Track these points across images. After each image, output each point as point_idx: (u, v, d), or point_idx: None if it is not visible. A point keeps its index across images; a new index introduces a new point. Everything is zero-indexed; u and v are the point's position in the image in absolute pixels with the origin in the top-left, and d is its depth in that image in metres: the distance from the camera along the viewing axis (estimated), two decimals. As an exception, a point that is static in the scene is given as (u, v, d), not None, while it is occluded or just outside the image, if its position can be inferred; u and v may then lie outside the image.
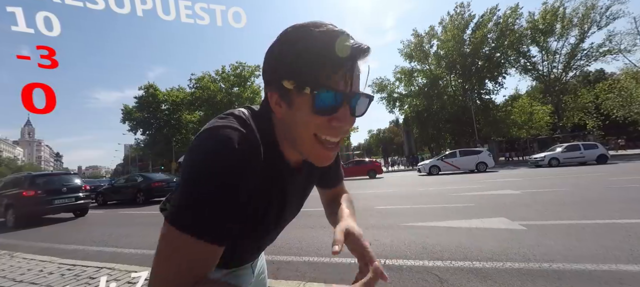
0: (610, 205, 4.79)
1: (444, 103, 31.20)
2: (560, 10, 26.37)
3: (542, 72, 29.11)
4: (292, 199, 0.64)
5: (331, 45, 0.46)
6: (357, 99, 0.49)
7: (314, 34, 0.47)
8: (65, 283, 2.78)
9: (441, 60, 31.81)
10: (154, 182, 11.69)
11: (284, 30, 0.51)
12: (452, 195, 7.31)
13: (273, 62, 0.51)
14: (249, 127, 0.50)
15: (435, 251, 3.16)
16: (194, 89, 37.08)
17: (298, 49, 0.47)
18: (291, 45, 0.48)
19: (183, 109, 38.57)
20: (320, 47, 0.46)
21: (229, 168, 0.44)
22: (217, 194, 0.43)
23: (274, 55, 0.51)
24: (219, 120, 0.50)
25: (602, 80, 28.27)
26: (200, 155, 0.45)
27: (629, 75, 23.43)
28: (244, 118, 0.52)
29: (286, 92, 0.48)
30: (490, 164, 16.11)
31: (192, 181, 0.44)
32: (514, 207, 5.20)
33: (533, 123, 26.20)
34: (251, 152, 0.48)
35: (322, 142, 0.50)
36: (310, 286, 2.40)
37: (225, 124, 0.48)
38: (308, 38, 0.47)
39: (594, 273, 2.36)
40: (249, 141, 0.48)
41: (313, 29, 0.48)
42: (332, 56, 0.45)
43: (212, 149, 0.45)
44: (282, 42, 0.50)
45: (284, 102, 0.50)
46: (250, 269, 0.75)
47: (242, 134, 0.47)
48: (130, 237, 5.15)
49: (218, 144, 0.45)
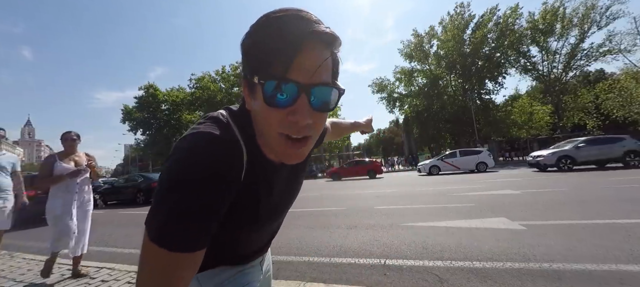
0: (610, 205, 4.79)
1: (444, 103, 31.19)
2: (560, 10, 26.38)
3: (542, 72, 29.11)
4: (282, 189, 0.63)
5: (286, 31, 0.43)
6: (319, 90, 0.44)
7: (270, 20, 0.45)
8: (65, 283, 2.78)
9: (441, 60, 31.81)
10: (154, 182, 11.71)
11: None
12: (452, 195, 7.31)
13: (241, 56, 0.50)
14: (224, 127, 0.49)
15: (435, 251, 3.16)
16: (194, 89, 37.11)
17: (255, 39, 0.45)
18: (251, 35, 0.46)
19: (183, 109, 38.57)
20: (275, 35, 0.43)
21: (198, 173, 0.42)
22: (186, 201, 0.41)
23: (241, 47, 0.49)
24: (195, 126, 0.49)
25: (602, 80, 28.24)
26: (170, 163, 0.44)
27: (629, 75, 23.43)
28: (221, 118, 0.51)
29: (252, 85, 0.47)
30: (490, 164, 16.07)
31: (163, 190, 0.42)
32: (514, 207, 5.20)
33: (533, 123, 26.21)
34: (224, 151, 0.45)
35: (286, 139, 0.47)
36: (310, 286, 2.40)
37: (198, 130, 0.47)
38: (266, 25, 0.45)
39: (594, 273, 2.36)
40: (221, 141, 0.46)
41: (272, 15, 0.45)
42: (286, 43, 0.42)
43: (180, 158, 0.43)
44: (248, 32, 0.48)
45: (251, 96, 0.49)
46: (259, 266, 0.74)
47: (214, 136, 0.46)
48: (130, 237, 5.15)
49: (186, 151, 0.44)
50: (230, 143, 0.47)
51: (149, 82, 39.48)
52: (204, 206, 0.42)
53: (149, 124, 39.31)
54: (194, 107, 37.54)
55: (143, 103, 38.62)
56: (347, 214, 5.57)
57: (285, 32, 0.43)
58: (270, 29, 0.44)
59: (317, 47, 0.44)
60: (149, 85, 39.18)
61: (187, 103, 37.93)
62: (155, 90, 38.82)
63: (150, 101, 38.37)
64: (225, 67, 36.36)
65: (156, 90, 38.88)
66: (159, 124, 39.36)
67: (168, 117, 39.28)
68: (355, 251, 3.36)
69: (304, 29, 0.43)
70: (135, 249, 4.25)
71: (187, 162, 0.42)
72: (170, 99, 38.95)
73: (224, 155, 0.45)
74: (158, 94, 38.73)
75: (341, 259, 3.13)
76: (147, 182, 11.82)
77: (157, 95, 38.63)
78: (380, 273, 2.67)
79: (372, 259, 3.05)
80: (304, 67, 0.43)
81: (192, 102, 37.10)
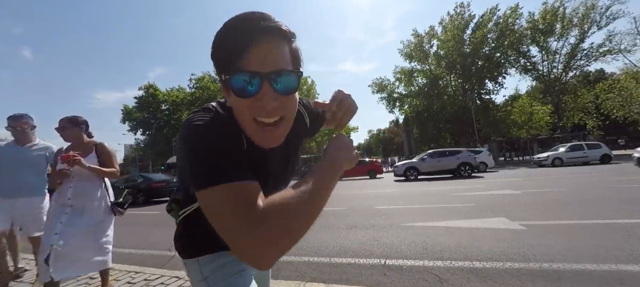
0: (610, 205, 4.79)
1: (444, 103, 31.18)
2: (560, 10, 26.40)
3: (542, 72, 29.12)
4: (275, 176, 0.69)
5: (240, 28, 0.49)
6: (279, 76, 0.50)
7: (227, 22, 0.51)
8: (65, 283, 2.78)
9: (441, 60, 31.80)
10: (154, 182, 11.77)
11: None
12: (452, 195, 7.31)
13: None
14: (218, 112, 0.57)
15: (435, 251, 3.16)
16: (194, 89, 37.13)
17: (217, 44, 0.51)
18: (214, 42, 0.52)
19: (183, 109, 38.59)
20: (232, 33, 0.50)
21: (214, 127, 0.51)
22: (216, 144, 0.49)
23: (210, 54, 0.55)
24: (190, 115, 0.56)
25: (602, 80, 28.26)
26: (187, 134, 0.51)
27: (629, 75, 23.44)
28: (212, 108, 0.59)
29: (224, 83, 0.53)
30: (490, 163, 16.10)
31: (192, 151, 0.49)
32: (514, 207, 5.20)
33: (533, 123, 26.20)
34: (225, 121, 0.55)
35: (260, 124, 0.53)
36: (310, 286, 2.40)
37: (196, 112, 0.56)
38: (224, 27, 0.51)
39: (594, 273, 2.36)
40: (221, 115, 0.56)
41: (228, 23, 0.51)
42: (240, 39, 0.48)
43: (193, 126, 0.51)
44: (213, 41, 0.53)
45: (226, 93, 0.55)
46: None
47: (214, 113, 0.56)
48: (130, 237, 5.15)
49: (197, 120, 0.53)
50: (229, 118, 0.57)
51: (149, 82, 39.56)
52: (225, 147, 0.49)
53: (149, 124, 39.34)
54: (194, 107, 37.55)
55: (143, 103, 38.63)
56: (347, 214, 5.57)
57: (238, 32, 0.49)
58: (227, 32, 0.50)
59: (269, 40, 0.50)
60: (149, 85, 39.20)
61: (187, 103, 37.94)
62: (155, 91, 38.83)
63: (150, 101, 38.38)
64: (226, 67, 36.35)
65: (156, 91, 38.90)
66: (159, 124, 39.38)
67: (168, 117, 39.30)
68: (355, 251, 3.36)
69: (254, 27, 0.49)
70: (135, 249, 4.25)
71: (200, 128, 0.51)
72: (170, 99, 38.97)
73: (228, 123, 0.55)
74: (158, 94, 38.75)
75: (341, 259, 3.13)
76: (147, 182, 11.82)
77: (157, 96, 38.65)
78: (380, 273, 2.67)
79: (372, 259, 3.05)
80: (260, 59, 0.49)
81: (192, 102, 37.11)
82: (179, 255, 0.73)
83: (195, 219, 0.69)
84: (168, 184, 11.91)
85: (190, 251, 0.71)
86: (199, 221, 0.63)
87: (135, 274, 2.89)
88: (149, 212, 8.38)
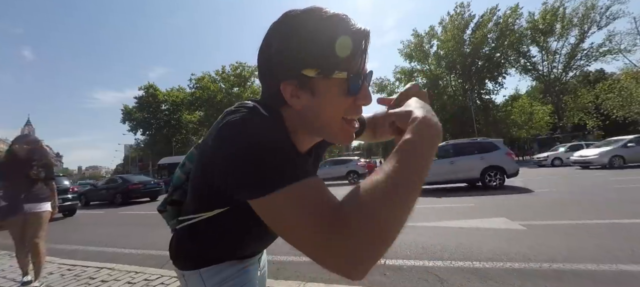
0: (610, 205, 4.79)
1: (444, 103, 31.17)
2: (560, 10, 26.40)
3: (542, 72, 29.12)
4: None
5: (345, 29, 0.47)
6: (370, 77, 0.53)
7: (324, 20, 0.47)
8: (65, 283, 2.78)
9: (441, 61, 31.80)
10: (132, 184, 12.18)
11: (282, 22, 0.50)
12: (452, 195, 7.30)
13: (285, 53, 0.48)
14: (263, 112, 0.51)
15: (435, 251, 3.16)
16: (194, 89, 37.09)
17: (316, 36, 0.46)
18: (306, 34, 0.47)
19: (183, 109, 38.60)
20: (336, 32, 0.46)
21: (271, 125, 0.48)
22: (279, 143, 0.44)
23: (282, 48, 0.48)
24: (231, 115, 0.49)
25: (602, 80, 28.23)
26: (233, 134, 0.44)
27: (629, 75, 23.41)
28: (255, 107, 0.52)
29: (306, 81, 0.48)
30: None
31: (247, 153, 0.42)
32: (514, 207, 5.20)
33: (533, 123, 26.22)
34: (276, 120, 0.51)
35: (348, 122, 0.53)
36: (310, 286, 2.40)
37: (237, 111, 0.50)
38: (320, 24, 0.47)
39: (594, 273, 2.36)
40: (269, 116, 0.51)
41: (321, 15, 0.48)
42: (351, 39, 0.47)
43: (243, 125, 0.45)
44: (288, 33, 0.48)
45: (304, 92, 0.49)
46: (258, 263, 0.75)
47: (261, 113, 0.50)
48: (129, 237, 5.15)
49: (247, 118, 0.46)
50: (276, 118, 0.52)
51: (149, 82, 39.58)
52: (287, 146, 0.46)
53: (149, 124, 39.34)
54: (194, 108, 37.54)
55: (143, 103, 38.64)
56: (347, 214, 5.57)
57: (345, 30, 0.47)
58: (329, 27, 0.47)
59: (367, 40, 0.50)
60: (149, 85, 39.20)
61: (187, 103, 37.93)
62: (155, 91, 38.84)
63: (150, 101, 38.39)
64: (225, 67, 36.36)
65: (156, 91, 38.90)
66: (159, 124, 39.38)
67: (168, 117, 39.31)
68: (355, 251, 3.36)
69: (355, 26, 0.48)
70: (135, 249, 4.25)
71: (254, 127, 0.45)
72: (170, 99, 38.97)
73: (279, 128, 0.51)
74: (158, 94, 38.75)
75: (341, 259, 3.12)
76: (125, 184, 12.23)
77: (157, 96, 38.65)
78: (380, 273, 2.66)
79: (372, 259, 3.04)
80: (363, 58, 0.49)
81: (192, 102, 37.10)
82: (174, 264, 0.67)
83: (204, 228, 0.62)
84: (145, 185, 12.44)
85: (194, 261, 0.64)
86: (209, 229, 0.60)
87: (135, 274, 2.89)
88: (149, 213, 8.38)
